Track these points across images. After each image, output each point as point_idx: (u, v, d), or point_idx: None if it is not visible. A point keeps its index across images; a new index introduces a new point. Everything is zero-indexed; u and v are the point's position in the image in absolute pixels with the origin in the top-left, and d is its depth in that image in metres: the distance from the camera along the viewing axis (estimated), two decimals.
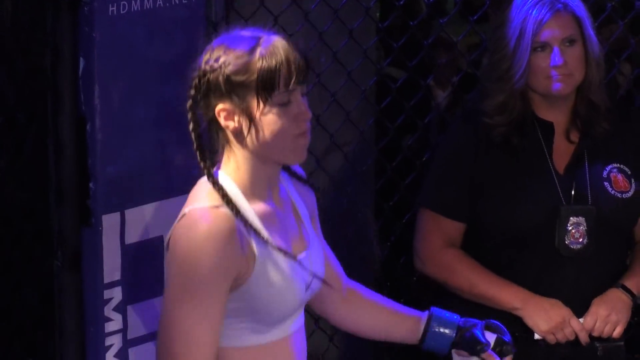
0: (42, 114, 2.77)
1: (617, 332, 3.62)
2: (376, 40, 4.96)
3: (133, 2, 3.02)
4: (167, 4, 3.12)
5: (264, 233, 2.33)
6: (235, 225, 2.29)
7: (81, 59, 2.71)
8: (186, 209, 2.33)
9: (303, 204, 2.61)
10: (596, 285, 3.71)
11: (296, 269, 2.42)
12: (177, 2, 3.14)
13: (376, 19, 4.99)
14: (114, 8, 2.78)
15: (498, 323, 2.80)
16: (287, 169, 2.56)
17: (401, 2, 4.64)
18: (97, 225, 2.78)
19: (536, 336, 3.58)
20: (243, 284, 2.33)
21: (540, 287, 3.57)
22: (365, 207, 4.59)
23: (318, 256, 2.58)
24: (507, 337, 2.80)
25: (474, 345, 2.75)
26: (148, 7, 2.99)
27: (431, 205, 3.67)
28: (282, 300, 2.41)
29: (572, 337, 3.57)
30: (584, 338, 3.56)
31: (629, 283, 3.63)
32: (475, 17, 4.61)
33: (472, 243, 3.61)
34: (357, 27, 4.31)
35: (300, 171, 2.63)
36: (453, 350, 2.84)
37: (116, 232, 2.84)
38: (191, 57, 2.42)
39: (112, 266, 2.83)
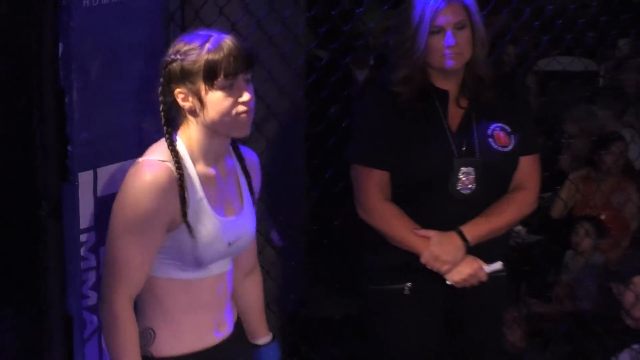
0: (29, 88, 2.84)
1: (445, 270, 3.69)
2: (305, 27, 5.00)
3: None
4: None
5: (199, 190, 2.52)
6: (175, 178, 2.47)
7: (60, 43, 2.78)
8: (140, 159, 2.53)
9: (246, 180, 2.75)
10: None
11: (222, 227, 2.58)
12: None
13: (304, 9, 5.02)
14: (87, 1, 2.86)
15: None
16: (238, 151, 2.73)
17: None
18: (74, 181, 2.84)
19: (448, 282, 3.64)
20: (174, 229, 2.50)
21: (437, 224, 3.63)
22: (298, 164, 4.58)
23: (247, 224, 2.71)
24: None
25: None
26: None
27: (360, 160, 3.71)
28: (203, 249, 2.55)
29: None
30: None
31: (466, 229, 3.69)
32: (386, 7, 4.62)
33: (392, 191, 3.70)
34: (289, 16, 4.37)
35: (253, 156, 2.80)
36: None
37: (90, 187, 2.90)
38: (153, 39, 2.75)
39: (86, 214, 2.89)
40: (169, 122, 2.55)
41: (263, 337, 3.08)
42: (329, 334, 4.87)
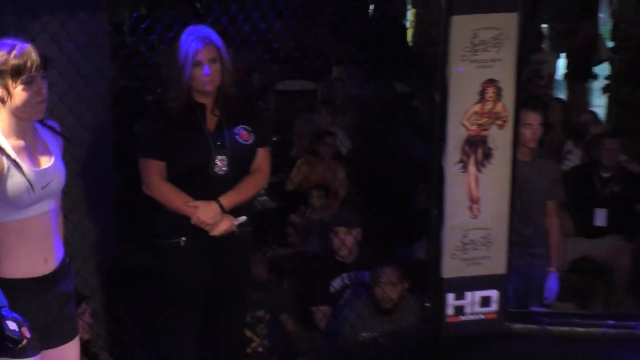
0: None
1: (209, 227, 3.79)
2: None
3: None
4: None
5: (11, 152, 2.69)
6: None
7: None
8: None
9: (55, 143, 2.91)
10: None
11: (35, 175, 2.72)
12: None
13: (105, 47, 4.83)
14: None
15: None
16: (45, 124, 2.90)
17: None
18: None
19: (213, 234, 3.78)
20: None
21: (203, 195, 3.78)
22: (106, 155, 4.47)
23: (55, 172, 2.84)
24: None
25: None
26: None
27: (144, 154, 3.83)
28: (20, 195, 2.70)
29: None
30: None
31: (222, 199, 3.82)
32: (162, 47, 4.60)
33: (168, 174, 3.78)
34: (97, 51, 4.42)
35: (55, 125, 2.96)
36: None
37: None
38: None
39: None
40: None
41: None
42: (138, 283, 4.67)
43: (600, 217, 5.60)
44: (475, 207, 4.53)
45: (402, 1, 10.60)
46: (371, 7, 10.06)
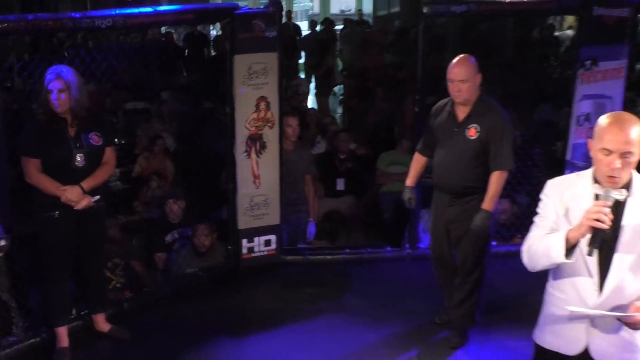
0: None
1: (73, 203, 3.63)
2: None
3: None
4: None
5: None
6: None
7: None
8: None
9: None
10: None
11: None
12: None
13: None
14: None
15: None
16: None
17: None
18: None
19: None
20: None
21: (70, 182, 3.65)
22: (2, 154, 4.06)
23: None
24: None
25: None
26: None
27: (25, 154, 3.67)
28: None
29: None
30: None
31: (83, 183, 3.63)
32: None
33: (43, 168, 3.60)
34: None
35: None
36: None
37: None
38: None
39: None
40: None
41: None
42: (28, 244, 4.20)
43: (340, 184, 5.73)
44: (257, 181, 4.82)
45: (208, 42, 10.41)
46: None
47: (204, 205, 5.31)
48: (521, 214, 4.98)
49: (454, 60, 3.63)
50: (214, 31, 10.65)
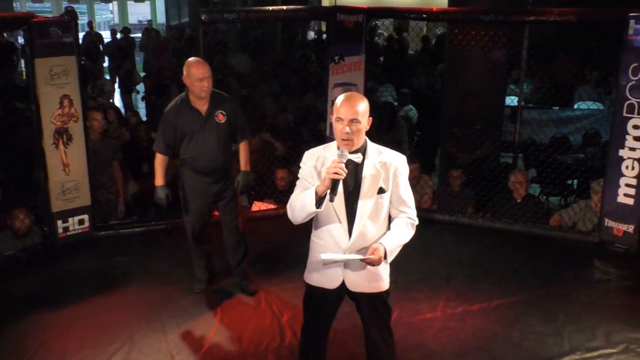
0: None
1: None
2: None
3: None
4: None
5: None
6: None
7: None
8: None
9: None
10: None
11: None
12: None
13: None
14: None
15: None
16: None
17: None
18: None
19: None
20: None
21: None
22: None
23: None
24: None
25: None
26: None
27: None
28: None
29: None
30: None
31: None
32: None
33: None
34: None
35: None
36: None
37: None
38: None
39: None
40: None
41: None
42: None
43: (145, 167, 5.70)
44: (67, 169, 4.91)
45: (15, 48, 10.22)
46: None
47: (22, 191, 5.23)
48: (294, 179, 5.58)
49: (192, 60, 3.79)
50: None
